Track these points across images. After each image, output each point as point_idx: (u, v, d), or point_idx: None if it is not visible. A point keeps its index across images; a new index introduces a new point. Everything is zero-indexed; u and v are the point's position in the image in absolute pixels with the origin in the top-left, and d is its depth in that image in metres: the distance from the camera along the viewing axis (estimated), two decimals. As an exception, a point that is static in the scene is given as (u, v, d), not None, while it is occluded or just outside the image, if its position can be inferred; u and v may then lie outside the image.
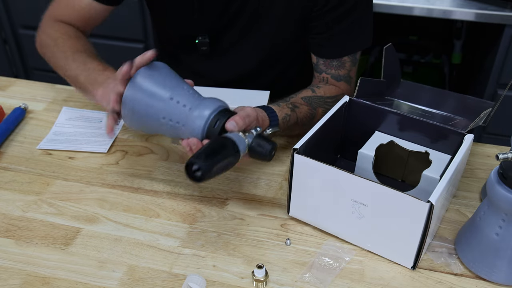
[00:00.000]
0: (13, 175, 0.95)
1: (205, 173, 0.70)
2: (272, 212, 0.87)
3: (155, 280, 0.75)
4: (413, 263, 0.76)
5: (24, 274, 0.76)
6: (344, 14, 0.97)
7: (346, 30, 1.00)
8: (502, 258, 0.73)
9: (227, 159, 0.73)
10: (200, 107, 0.79)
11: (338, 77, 1.03)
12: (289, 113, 0.93)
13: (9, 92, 1.19)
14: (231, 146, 0.73)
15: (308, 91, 1.01)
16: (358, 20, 1.00)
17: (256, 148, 0.76)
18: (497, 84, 1.72)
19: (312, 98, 0.99)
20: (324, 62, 1.03)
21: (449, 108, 0.92)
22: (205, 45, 1.07)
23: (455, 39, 2.07)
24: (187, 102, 0.79)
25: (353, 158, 0.88)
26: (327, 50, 1.02)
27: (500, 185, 0.70)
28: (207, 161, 0.70)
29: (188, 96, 0.80)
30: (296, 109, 0.95)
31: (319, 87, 1.02)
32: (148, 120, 0.80)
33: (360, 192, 0.74)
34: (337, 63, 1.02)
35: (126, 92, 0.79)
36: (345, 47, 1.02)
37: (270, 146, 0.76)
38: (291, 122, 0.94)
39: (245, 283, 0.75)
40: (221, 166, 0.72)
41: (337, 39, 1.01)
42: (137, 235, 0.83)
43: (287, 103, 0.95)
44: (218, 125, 0.78)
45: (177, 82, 0.81)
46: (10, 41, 2.12)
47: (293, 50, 1.10)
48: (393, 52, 0.95)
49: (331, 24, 0.99)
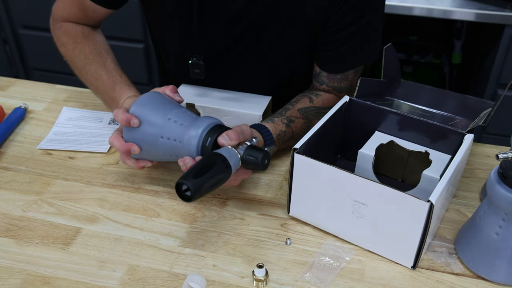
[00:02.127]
0: (13, 175, 0.95)
1: (195, 192, 0.69)
2: (272, 212, 0.87)
3: (155, 280, 0.75)
4: (413, 263, 0.76)
5: (24, 273, 0.76)
6: (356, 32, 0.94)
7: (355, 47, 0.97)
8: (502, 258, 0.73)
9: (217, 176, 0.72)
10: (193, 125, 0.80)
11: (340, 88, 1.02)
12: (284, 129, 0.92)
13: (9, 92, 1.19)
14: (221, 162, 0.73)
15: (306, 100, 0.99)
16: (368, 36, 0.97)
17: (248, 159, 0.76)
18: (497, 84, 1.72)
19: (309, 109, 0.97)
20: (327, 75, 1.00)
21: (449, 108, 0.92)
22: (198, 67, 0.96)
23: (455, 39, 2.07)
24: (184, 121, 0.81)
25: (353, 158, 0.88)
26: (333, 66, 0.99)
27: (500, 185, 0.70)
28: (196, 179, 0.70)
29: (184, 116, 0.82)
30: (292, 124, 0.94)
31: (318, 95, 1.00)
32: (148, 143, 0.82)
33: (360, 192, 0.74)
34: (340, 76, 1.00)
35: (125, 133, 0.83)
36: (351, 62, 1.00)
37: (262, 154, 0.76)
38: (287, 137, 0.93)
39: (245, 282, 0.75)
40: (212, 183, 0.72)
41: (345, 55, 0.98)
42: (137, 235, 0.83)
43: (282, 118, 0.93)
44: (210, 141, 0.78)
45: (172, 104, 0.84)
46: (10, 41, 2.12)
47: (296, 69, 1.06)
48: (393, 52, 0.95)
49: (342, 41, 0.96)
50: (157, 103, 0.83)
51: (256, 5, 0.93)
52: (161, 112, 0.82)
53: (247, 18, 0.95)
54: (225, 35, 0.98)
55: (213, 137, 0.78)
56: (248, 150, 0.77)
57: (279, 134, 0.91)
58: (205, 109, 1.01)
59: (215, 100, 1.02)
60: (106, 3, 1.03)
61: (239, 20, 0.95)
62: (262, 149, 0.77)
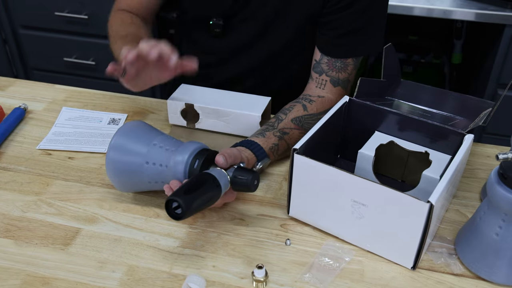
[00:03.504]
0: (13, 175, 0.95)
1: (186, 209, 0.68)
2: (272, 212, 0.87)
3: (155, 280, 0.75)
4: (413, 263, 0.76)
5: (23, 274, 0.76)
6: (358, 13, 0.96)
7: (357, 31, 0.98)
8: (502, 258, 0.73)
9: (207, 194, 0.72)
10: (180, 150, 0.79)
11: (337, 81, 1.02)
12: (276, 142, 0.92)
13: (9, 92, 1.19)
14: (211, 180, 0.73)
15: (299, 108, 0.98)
16: (371, 23, 0.99)
17: (238, 180, 0.76)
18: (497, 84, 1.72)
19: (303, 118, 0.97)
20: (328, 61, 1.01)
21: (449, 108, 0.92)
22: (218, 27, 1.09)
23: (455, 39, 2.07)
24: (170, 146, 0.81)
25: (353, 158, 0.88)
26: (334, 49, 1.01)
27: (500, 185, 0.70)
28: (187, 196, 0.69)
29: (169, 141, 0.82)
30: (286, 136, 0.94)
31: (311, 101, 1.00)
32: (133, 172, 0.81)
33: (360, 192, 0.74)
34: (340, 64, 1.01)
35: (108, 154, 0.81)
36: (353, 48, 1.00)
37: (251, 175, 0.76)
38: (281, 150, 0.93)
39: (245, 283, 0.75)
40: (203, 201, 0.71)
41: (347, 39, 0.99)
42: (136, 235, 0.83)
43: (274, 131, 0.93)
44: (198, 164, 0.78)
45: (156, 131, 0.84)
46: (10, 41, 2.12)
47: (299, 44, 1.08)
48: (393, 52, 0.95)
49: (344, 22, 0.98)
50: (140, 131, 0.83)
51: None
52: (145, 138, 0.81)
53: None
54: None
55: (201, 160, 0.78)
56: (237, 171, 0.77)
57: (271, 148, 0.91)
58: (204, 110, 1.01)
59: (215, 101, 1.02)
60: None
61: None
62: (251, 170, 0.77)
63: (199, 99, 1.02)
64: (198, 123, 1.04)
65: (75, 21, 1.95)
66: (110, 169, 0.82)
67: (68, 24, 1.97)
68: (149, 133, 0.83)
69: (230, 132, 1.03)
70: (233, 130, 1.02)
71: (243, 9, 1.06)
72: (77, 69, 2.08)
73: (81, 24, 1.95)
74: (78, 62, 2.04)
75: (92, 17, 1.93)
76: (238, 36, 1.10)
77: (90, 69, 2.05)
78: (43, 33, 2.04)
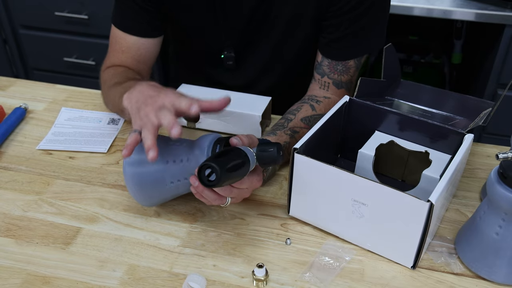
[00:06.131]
0: (13, 174, 0.95)
1: (221, 174, 0.66)
2: (272, 212, 0.87)
3: (155, 280, 0.75)
4: (413, 263, 0.76)
5: (24, 273, 0.76)
6: (361, 15, 0.95)
7: (359, 32, 0.97)
8: (502, 258, 0.73)
9: (238, 162, 0.70)
10: (197, 142, 0.78)
11: (340, 83, 1.01)
12: (288, 141, 0.91)
13: (9, 92, 1.19)
14: (240, 151, 0.71)
15: (308, 108, 0.98)
16: (374, 22, 0.98)
17: (263, 154, 0.74)
18: (497, 84, 1.72)
19: (313, 118, 0.97)
20: (329, 63, 1.00)
21: (449, 108, 0.92)
22: (230, 59, 1.08)
23: (455, 39, 2.07)
24: (185, 142, 0.79)
25: (353, 158, 0.88)
26: (336, 52, 1.00)
27: (500, 184, 0.70)
28: (220, 161, 0.67)
29: (180, 139, 0.79)
30: (296, 135, 0.93)
31: (319, 102, 1.00)
32: (159, 191, 0.79)
33: (360, 192, 0.74)
34: (341, 67, 1.00)
35: (125, 170, 0.78)
36: (354, 50, 0.99)
37: (275, 146, 0.74)
38: None
39: (245, 282, 0.75)
40: (235, 167, 0.69)
41: (348, 41, 0.98)
42: (137, 235, 0.83)
43: (285, 130, 0.93)
44: (220, 148, 0.76)
45: (163, 136, 0.80)
46: (10, 41, 2.12)
47: (302, 49, 1.07)
48: (393, 52, 0.95)
49: (347, 24, 0.96)
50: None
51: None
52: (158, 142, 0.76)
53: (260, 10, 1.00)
54: (249, 21, 1.02)
55: (222, 143, 0.76)
56: (260, 146, 0.75)
57: (283, 146, 0.90)
58: (205, 109, 1.01)
59: None
60: (139, 32, 1.03)
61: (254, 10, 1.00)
62: (273, 142, 0.76)
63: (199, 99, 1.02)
64: (199, 123, 1.04)
65: (75, 21, 1.95)
66: (131, 183, 0.78)
67: (68, 24, 1.97)
68: (159, 138, 0.79)
69: (231, 132, 1.03)
70: (233, 130, 1.02)
71: (253, 36, 1.04)
72: (77, 69, 2.08)
73: (81, 24, 1.95)
74: (78, 62, 2.04)
75: (92, 17, 1.93)
76: (250, 68, 1.09)
77: (90, 69, 2.05)
78: (43, 33, 2.04)
